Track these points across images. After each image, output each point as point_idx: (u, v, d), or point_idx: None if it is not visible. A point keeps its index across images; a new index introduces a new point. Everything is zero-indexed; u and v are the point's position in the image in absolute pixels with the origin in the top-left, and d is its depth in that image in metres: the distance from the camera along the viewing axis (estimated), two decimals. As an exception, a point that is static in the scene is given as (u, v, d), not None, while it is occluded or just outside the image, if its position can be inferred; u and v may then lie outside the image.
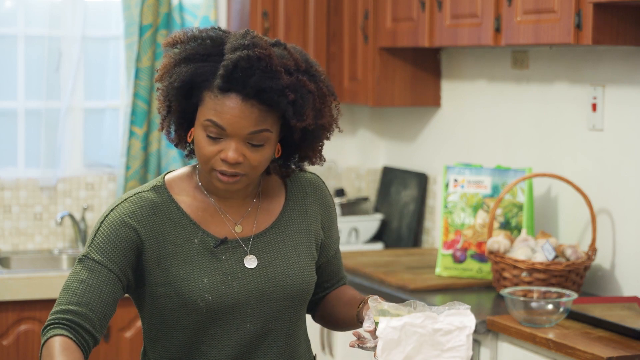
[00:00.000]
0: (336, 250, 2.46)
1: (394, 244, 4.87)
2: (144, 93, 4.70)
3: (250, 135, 2.17)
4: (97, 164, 4.89)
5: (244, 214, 2.31)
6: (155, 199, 2.26)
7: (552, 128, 4.03)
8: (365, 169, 5.18)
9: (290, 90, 2.16)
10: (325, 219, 2.41)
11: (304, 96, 2.19)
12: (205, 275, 2.22)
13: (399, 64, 4.63)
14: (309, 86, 2.20)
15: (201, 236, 2.25)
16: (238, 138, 2.17)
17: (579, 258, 3.67)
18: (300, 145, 2.28)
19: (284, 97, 2.15)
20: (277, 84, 2.15)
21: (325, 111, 2.25)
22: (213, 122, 2.16)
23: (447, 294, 3.86)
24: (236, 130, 2.16)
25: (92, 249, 2.21)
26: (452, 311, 2.14)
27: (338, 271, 2.48)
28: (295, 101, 2.17)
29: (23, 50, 4.74)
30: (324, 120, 2.25)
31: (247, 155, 2.18)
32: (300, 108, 2.18)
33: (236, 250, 2.27)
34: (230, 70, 2.15)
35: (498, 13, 3.81)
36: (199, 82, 2.18)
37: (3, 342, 4.23)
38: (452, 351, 2.12)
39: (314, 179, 2.43)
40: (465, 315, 2.14)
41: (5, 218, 4.72)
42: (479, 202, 4.05)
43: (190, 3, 4.82)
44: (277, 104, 2.15)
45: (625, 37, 3.44)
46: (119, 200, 2.26)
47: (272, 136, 2.20)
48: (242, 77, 2.14)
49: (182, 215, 2.26)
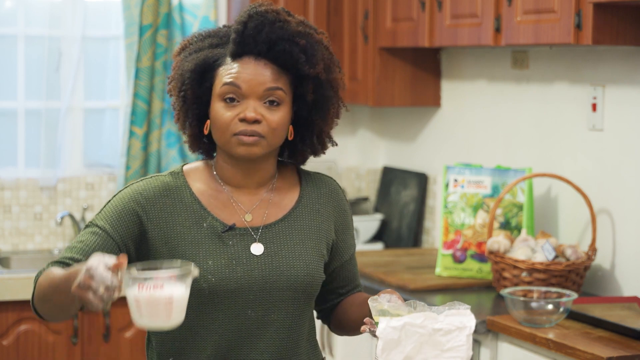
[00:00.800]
0: (351, 256, 2.47)
1: (394, 244, 4.87)
2: (144, 93, 4.70)
3: (267, 91, 2.26)
4: (97, 164, 4.89)
5: (255, 205, 2.35)
6: (170, 182, 2.33)
7: (552, 128, 4.03)
8: (365, 169, 5.18)
9: (300, 37, 2.26)
10: (339, 222, 2.43)
11: (314, 45, 2.28)
12: (211, 258, 2.27)
13: (399, 64, 4.63)
14: (317, 37, 2.30)
15: (210, 221, 2.30)
16: (255, 97, 2.25)
17: (579, 258, 3.67)
18: (312, 115, 2.32)
19: (295, 44, 2.25)
20: (287, 32, 2.25)
21: (333, 68, 2.33)
22: (229, 83, 2.25)
23: (447, 294, 3.86)
24: (253, 88, 2.25)
25: (98, 217, 2.30)
26: (452, 311, 2.14)
27: (353, 278, 2.49)
28: (306, 48, 2.26)
29: (23, 50, 4.74)
30: (333, 75, 2.32)
31: (265, 115, 2.26)
32: (311, 56, 2.27)
33: (244, 237, 2.31)
34: (241, 31, 2.26)
35: (498, 13, 3.81)
36: (211, 64, 2.29)
37: (3, 342, 4.23)
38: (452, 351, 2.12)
39: (331, 182, 2.46)
40: (465, 315, 2.14)
41: (5, 218, 4.72)
42: (479, 202, 4.05)
43: (190, 3, 4.82)
44: (289, 53, 2.25)
45: (625, 37, 3.44)
46: (136, 180, 2.35)
47: (286, 98, 2.28)
48: (253, 34, 2.25)
49: (193, 200, 2.32)
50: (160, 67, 4.72)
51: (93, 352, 4.33)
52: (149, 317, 1.99)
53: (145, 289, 1.97)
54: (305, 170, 2.46)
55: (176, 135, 4.78)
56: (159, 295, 1.98)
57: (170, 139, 4.79)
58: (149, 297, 1.97)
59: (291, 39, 2.25)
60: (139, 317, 2.00)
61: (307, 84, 2.29)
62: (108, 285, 1.96)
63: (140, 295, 1.97)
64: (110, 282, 1.96)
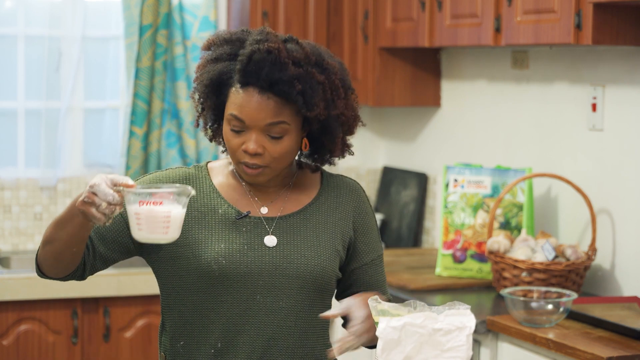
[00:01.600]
0: (374, 260, 2.48)
1: (394, 244, 4.87)
2: (144, 93, 4.70)
3: (268, 126, 2.29)
4: (97, 164, 4.89)
5: (273, 200, 2.41)
6: (192, 173, 2.43)
7: (552, 128, 4.03)
8: (365, 169, 5.18)
9: (299, 81, 2.27)
10: (359, 222, 2.46)
11: (313, 87, 2.29)
12: (223, 242, 2.34)
13: (399, 64, 4.63)
14: (318, 77, 2.31)
15: (226, 208, 2.38)
16: (257, 129, 2.29)
17: (579, 258, 3.67)
18: (321, 138, 2.37)
19: (293, 87, 2.27)
20: (285, 74, 2.26)
21: (339, 103, 2.35)
22: (234, 116, 2.30)
23: (447, 294, 3.86)
24: (254, 122, 2.29)
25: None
26: (452, 311, 2.14)
27: (377, 285, 2.48)
28: (304, 91, 2.28)
29: (23, 50, 4.74)
30: (337, 111, 2.34)
31: (267, 147, 2.31)
32: (309, 98, 2.28)
33: (257, 227, 2.37)
34: (245, 64, 2.29)
35: (498, 13, 3.81)
36: (225, 80, 2.33)
37: (3, 342, 4.23)
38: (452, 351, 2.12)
39: (353, 184, 2.50)
40: (465, 315, 2.14)
41: (5, 218, 4.72)
42: (479, 202, 4.05)
43: (190, 3, 4.82)
44: (287, 94, 2.27)
45: (625, 37, 3.44)
46: (162, 170, 2.45)
47: (291, 129, 2.31)
48: (255, 70, 2.27)
49: (212, 190, 2.40)
50: (160, 67, 4.72)
51: (93, 352, 4.33)
52: (148, 231, 2.13)
53: (145, 204, 2.11)
54: (328, 172, 2.51)
55: (176, 135, 4.78)
56: (158, 210, 2.12)
57: (170, 139, 4.79)
58: (149, 211, 2.11)
59: (290, 81, 2.27)
60: (138, 230, 2.14)
61: (311, 118, 2.33)
62: (110, 201, 2.10)
63: (141, 210, 2.11)
64: (112, 198, 2.10)
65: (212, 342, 2.35)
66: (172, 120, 4.79)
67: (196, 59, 4.81)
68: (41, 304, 4.25)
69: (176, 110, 4.80)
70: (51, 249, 2.30)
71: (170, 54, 4.77)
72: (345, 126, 2.39)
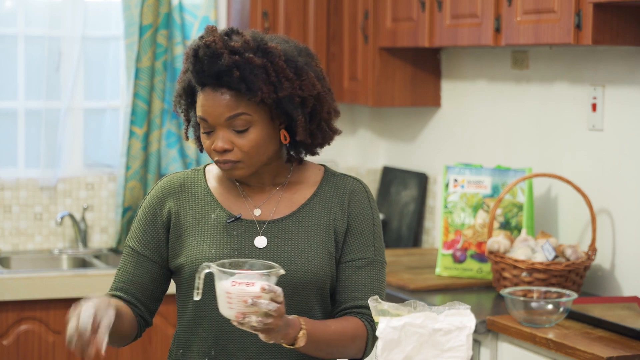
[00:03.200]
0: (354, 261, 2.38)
1: (394, 244, 4.87)
2: (144, 93, 4.70)
3: (229, 121, 2.30)
4: (97, 164, 4.89)
5: (265, 200, 2.40)
6: (189, 176, 2.44)
7: (552, 128, 4.03)
8: (365, 169, 5.18)
9: (237, 69, 2.27)
10: (352, 223, 2.39)
11: (253, 71, 2.28)
12: (214, 247, 2.34)
13: (399, 64, 4.63)
14: (257, 61, 2.29)
15: (218, 212, 2.38)
16: (221, 126, 2.31)
17: (579, 258, 3.67)
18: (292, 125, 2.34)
19: (231, 75, 2.27)
20: (221, 64, 2.27)
21: (286, 84, 2.30)
22: (200, 118, 2.33)
23: (447, 294, 3.86)
24: (215, 119, 2.30)
25: (130, 236, 2.44)
26: (452, 311, 2.14)
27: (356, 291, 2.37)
28: (244, 77, 2.27)
29: (23, 50, 4.74)
30: (285, 92, 2.30)
31: (235, 142, 2.31)
32: (250, 83, 2.27)
33: (249, 229, 2.36)
34: (192, 63, 2.31)
35: (498, 13, 3.81)
36: (192, 87, 2.35)
37: (3, 342, 4.23)
38: (452, 351, 2.12)
39: (354, 183, 2.44)
40: (465, 316, 2.14)
41: (5, 218, 4.72)
42: (479, 202, 4.05)
43: (190, 3, 4.82)
44: (229, 83, 2.28)
45: (625, 37, 3.44)
46: (157, 181, 2.47)
47: (254, 119, 2.30)
48: (199, 68, 2.30)
49: (207, 194, 2.41)
50: (160, 67, 4.72)
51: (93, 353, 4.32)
52: (238, 309, 2.13)
53: (238, 284, 2.12)
54: (332, 171, 2.46)
55: (176, 135, 4.78)
56: (250, 291, 2.12)
57: (170, 139, 4.79)
58: (240, 291, 2.11)
59: (227, 70, 2.27)
60: (228, 309, 2.14)
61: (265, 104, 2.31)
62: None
63: (233, 290, 2.12)
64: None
65: (205, 350, 2.35)
66: (172, 120, 4.79)
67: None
68: (41, 304, 4.25)
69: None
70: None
71: (170, 54, 4.77)
72: (306, 107, 2.33)
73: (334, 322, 2.32)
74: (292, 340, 2.19)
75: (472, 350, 2.14)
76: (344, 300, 2.37)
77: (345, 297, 2.37)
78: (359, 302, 2.36)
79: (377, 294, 2.35)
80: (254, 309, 2.10)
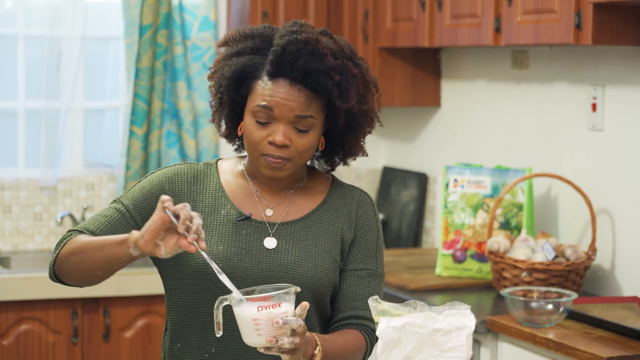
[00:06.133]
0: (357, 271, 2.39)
1: (394, 244, 4.87)
2: (144, 93, 4.70)
3: (297, 118, 2.28)
4: (97, 164, 4.89)
5: (278, 202, 2.39)
6: (202, 170, 2.42)
7: (552, 128, 4.03)
8: (365, 169, 5.18)
9: (336, 72, 2.27)
10: (358, 233, 2.40)
11: (349, 79, 2.29)
12: (222, 244, 2.32)
13: (399, 64, 4.63)
14: (353, 70, 2.31)
15: (228, 209, 2.36)
16: (285, 121, 2.28)
17: (579, 258, 3.67)
18: (343, 135, 2.37)
19: (330, 78, 2.26)
20: (323, 65, 2.26)
21: (369, 98, 2.36)
22: (262, 106, 2.28)
23: (447, 294, 3.86)
24: (284, 113, 2.27)
25: (126, 195, 2.39)
26: (452, 311, 2.14)
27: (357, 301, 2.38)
28: (340, 83, 2.27)
29: (23, 50, 4.74)
30: (368, 106, 2.35)
31: (293, 140, 2.29)
32: (345, 90, 2.28)
33: (259, 229, 2.35)
34: (279, 54, 2.27)
35: (498, 13, 3.81)
36: (249, 73, 2.31)
37: (3, 342, 4.23)
38: (452, 351, 2.12)
39: (362, 195, 2.47)
40: (465, 315, 2.13)
41: (5, 218, 4.72)
42: (479, 202, 4.05)
43: (190, 3, 4.82)
44: (322, 85, 2.26)
45: (625, 37, 3.44)
46: (171, 164, 2.44)
47: (316, 124, 2.31)
48: (290, 61, 2.26)
49: (218, 189, 2.38)
50: (160, 67, 4.72)
51: (93, 352, 4.32)
52: (267, 335, 2.07)
53: (265, 308, 2.06)
54: (340, 182, 2.48)
55: (176, 135, 4.78)
56: (277, 312, 2.07)
57: (170, 139, 4.79)
58: (268, 315, 2.06)
59: (326, 72, 2.27)
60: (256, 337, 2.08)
61: (339, 112, 2.32)
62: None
63: (260, 315, 2.06)
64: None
65: (206, 347, 2.33)
66: (172, 120, 4.79)
67: (196, 59, 4.81)
68: (41, 304, 4.25)
69: (176, 110, 4.80)
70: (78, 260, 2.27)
71: (170, 54, 4.77)
72: (370, 124, 2.39)
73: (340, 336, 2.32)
74: (309, 358, 2.18)
75: (472, 350, 2.14)
76: (344, 309, 2.38)
77: (346, 305, 2.38)
78: (359, 312, 2.38)
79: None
80: (284, 329, 2.07)
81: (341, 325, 2.38)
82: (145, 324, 4.38)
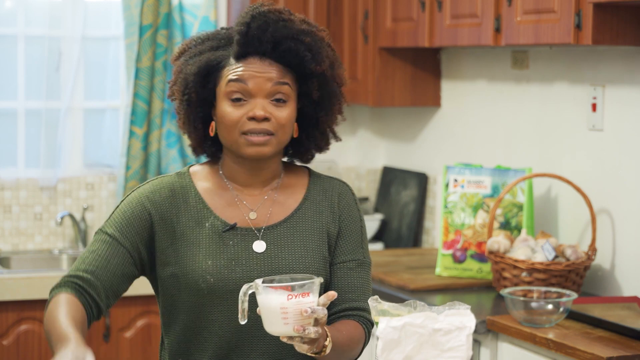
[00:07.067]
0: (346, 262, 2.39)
1: (394, 244, 4.87)
2: (144, 93, 4.70)
3: (275, 86, 2.27)
4: (97, 164, 4.89)
5: (260, 203, 2.36)
6: (176, 183, 2.35)
7: (552, 128, 4.03)
8: (365, 169, 5.18)
9: (305, 35, 2.28)
10: (343, 225, 2.40)
11: (318, 42, 2.30)
12: (210, 258, 2.29)
13: (399, 64, 4.63)
14: (321, 34, 2.32)
15: (212, 220, 2.32)
16: (262, 94, 2.27)
17: (579, 258, 3.67)
18: (318, 113, 2.34)
19: (300, 42, 2.27)
20: (292, 30, 2.27)
21: (337, 64, 2.35)
22: (235, 80, 2.26)
23: (447, 294, 3.86)
24: (260, 85, 2.27)
25: (108, 224, 2.33)
26: (452, 311, 2.14)
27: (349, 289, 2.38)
28: (312, 46, 2.28)
29: (23, 50, 4.74)
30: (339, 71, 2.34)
31: (273, 113, 2.27)
32: (317, 52, 2.28)
33: (246, 237, 2.32)
34: (245, 32, 2.27)
35: (498, 13, 3.81)
36: (214, 66, 2.30)
37: (3, 342, 4.23)
38: (452, 351, 2.12)
39: (342, 186, 2.44)
40: (465, 316, 2.14)
41: (5, 218, 4.72)
42: (479, 202, 4.05)
43: (190, 3, 4.82)
44: (294, 51, 2.26)
45: (625, 37, 3.44)
46: (143, 183, 2.37)
47: (292, 95, 2.30)
48: (258, 34, 2.26)
49: (198, 200, 2.34)
50: (160, 67, 4.72)
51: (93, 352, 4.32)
52: (294, 324, 2.06)
53: (294, 297, 2.04)
54: (317, 173, 2.46)
55: (176, 135, 4.78)
56: (306, 301, 2.05)
57: (170, 139, 4.79)
58: (297, 304, 2.05)
59: (296, 37, 2.27)
60: (283, 325, 2.06)
61: (312, 81, 2.31)
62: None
63: (289, 304, 2.04)
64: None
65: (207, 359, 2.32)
66: (172, 120, 4.79)
67: (196, 59, 4.81)
68: (41, 304, 4.25)
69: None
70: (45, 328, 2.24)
71: (170, 54, 4.77)
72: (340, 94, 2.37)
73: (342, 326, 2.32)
74: (321, 349, 2.16)
75: (472, 350, 2.14)
76: (338, 302, 2.37)
77: (340, 298, 2.37)
78: (354, 303, 2.38)
79: (368, 294, 2.38)
80: (311, 318, 2.06)
81: (337, 317, 2.37)
82: (145, 324, 4.38)
